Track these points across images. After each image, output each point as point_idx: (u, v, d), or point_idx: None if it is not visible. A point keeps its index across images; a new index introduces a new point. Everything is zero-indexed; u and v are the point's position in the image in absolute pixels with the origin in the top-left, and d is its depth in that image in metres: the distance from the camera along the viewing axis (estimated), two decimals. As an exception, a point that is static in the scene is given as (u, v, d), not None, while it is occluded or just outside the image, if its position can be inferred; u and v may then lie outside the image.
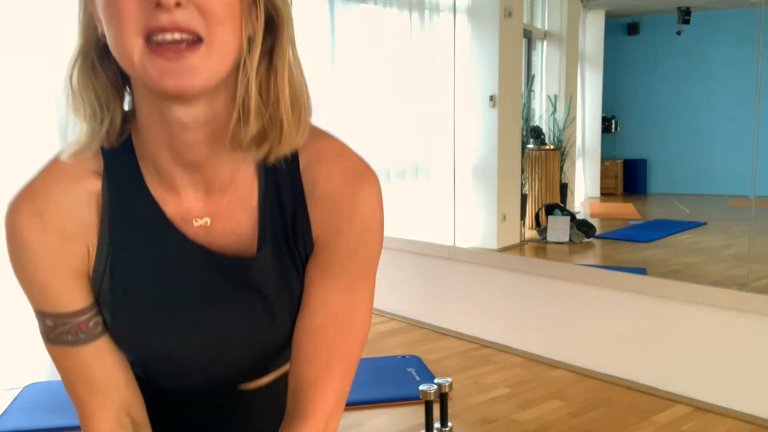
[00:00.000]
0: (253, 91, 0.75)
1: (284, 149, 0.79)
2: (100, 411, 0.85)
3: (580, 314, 3.56)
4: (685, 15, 4.01)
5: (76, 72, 0.78)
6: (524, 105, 4.65)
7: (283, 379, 0.94)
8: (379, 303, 4.78)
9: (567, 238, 4.41)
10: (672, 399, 3.18)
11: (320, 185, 0.84)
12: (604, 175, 4.81)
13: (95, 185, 0.82)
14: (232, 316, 0.85)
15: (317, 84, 5.47)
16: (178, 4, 0.67)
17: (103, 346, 0.84)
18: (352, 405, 3.14)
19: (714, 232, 4.17)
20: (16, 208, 0.83)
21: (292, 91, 0.80)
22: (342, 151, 0.86)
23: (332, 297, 0.85)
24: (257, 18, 0.74)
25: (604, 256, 4.50)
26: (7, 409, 3.10)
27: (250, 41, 0.74)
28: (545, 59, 4.80)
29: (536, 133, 4.72)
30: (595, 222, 4.61)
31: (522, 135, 4.61)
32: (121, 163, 0.82)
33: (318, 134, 0.86)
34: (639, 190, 4.80)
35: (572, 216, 4.52)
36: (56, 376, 2.99)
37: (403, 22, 5.02)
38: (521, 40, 4.57)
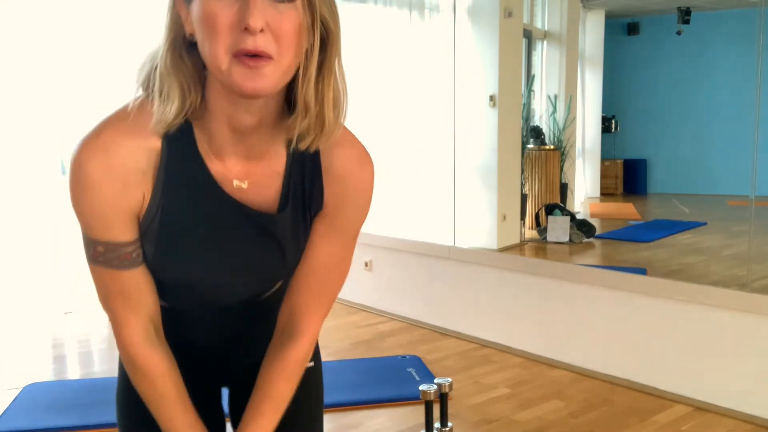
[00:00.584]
0: (309, 94, 0.97)
1: (323, 141, 1.03)
2: (133, 319, 1.08)
3: (580, 314, 3.56)
4: (685, 15, 4.01)
5: (169, 58, 0.97)
6: (524, 105, 4.64)
7: (269, 300, 1.21)
8: (379, 303, 4.78)
9: (567, 238, 4.41)
10: (672, 399, 3.18)
11: (335, 166, 1.08)
12: (604, 175, 4.81)
13: (156, 144, 1.01)
14: (252, 255, 1.10)
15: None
16: (261, 31, 0.89)
17: (140, 272, 1.06)
18: (352, 405, 3.15)
19: (714, 232, 4.17)
20: (88, 154, 0.99)
21: (335, 95, 1.02)
22: (353, 141, 1.12)
23: (331, 249, 1.13)
24: (314, 36, 0.96)
25: (604, 256, 4.50)
26: (7, 409, 3.10)
27: (308, 53, 0.96)
28: (545, 59, 4.80)
29: (536, 133, 4.72)
30: (595, 222, 4.61)
31: (522, 135, 4.61)
32: (179, 130, 1.01)
33: (345, 131, 1.11)
34: (639, 190, 4.80)
35: (572, 216, 4.52)
36: (56, 376, 2.97)
37: (403, 22, 5.02)
38: (521, 40, 4.57)
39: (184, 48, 0.98)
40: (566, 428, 2.90)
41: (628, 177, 4.81)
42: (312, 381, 1.31)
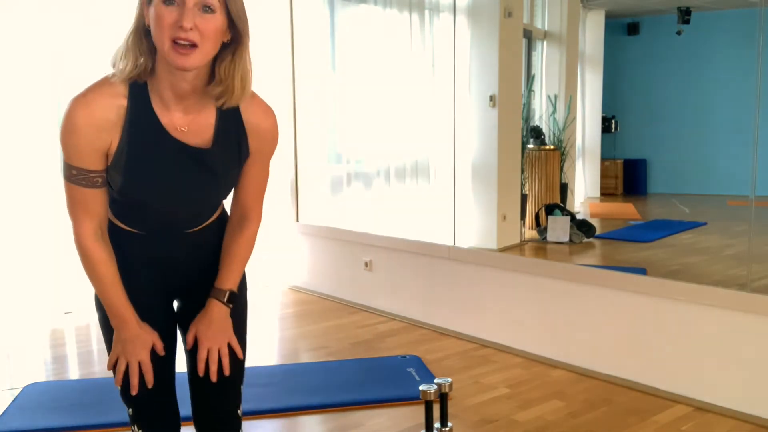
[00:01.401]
0: (222, 71, 1.50)
1: (232, 102, 1.54)
2: (87, 222, 1.56)
3: (580, 314, 3.56)
4: (685, 15, 4.01)
5: (132, 38, 1.48)
6: (524, 105, 4.64)
7: (204, 232, 1.73)
8: (379, 303, 4.78)
9: (567, 238, 4.41)
10: (672, 399, 3.18)
11: (251, 120, 1.61)
12: (604, 175, 4.81)
13: (123, 103, 1.49)
14: (193, 180, 1.58)
15: (317, 83, 5.46)
16: (191, 29, 1.39)
17: (99, 192, 1.54)
18: (352, 405, 3.15)
19: (714, 232, 4.17)
20: (76, 107, 1.46)
21: (243, 73, 1.52)
22: (260, 102, 1.64)
23: (257, 171, 1.68)
24: (229, 34, 1.49)
25: (604, 256, 4.49)
26: (7, 409, 3.10)
27: (224, 45, 1.49)
28: (545, 59, 4.80)
29: (536, 133, 4.72)
30: (595, 222, 4.60)
31: (522, 135, 4.61)
32: (139, 93, 1.50)
33: (254, 96, 1.61)
34: (639, 190, 4.79)
35: (572, 216, 4.52)
36: (56, 376, 2.98)
37: (403, 22, 5.02)
38: (521, 40, 4.57)
39: (143, 33, 1.48)
40: (566, 428, 2.90)
41: (628, 177, 4.81)
42: (241, 301, 1.79)
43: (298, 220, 5.53)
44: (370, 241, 4.84)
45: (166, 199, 1.59)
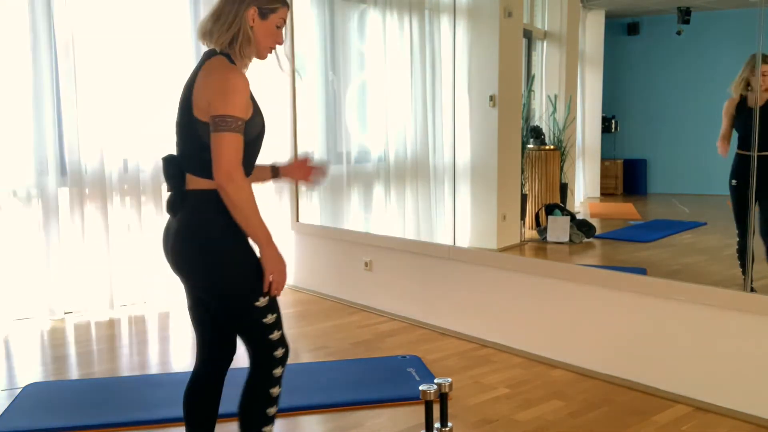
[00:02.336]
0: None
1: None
2: (239, 164, 1.95)
3: (580, 314, 3.56)
4: (685, 15, 4.01)
5: (245, 39, 2.07)
6: (524, 105, 4.64)
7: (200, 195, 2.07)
8: (379, 303, 4.78)
9: (567, 238, 4.41)
10: (672, 399, 3.18)
11: None
12: (604, 175, 4.81)
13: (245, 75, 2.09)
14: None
15: (315, 83, 5.46)
16: (278, 45, 2.14)
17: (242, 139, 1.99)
18: (352, 405, 3.15)
19: (714, 232, 4.16)
20: (237, 76, 1.99)
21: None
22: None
23: None
24: None
25: (604, 256, 4.49)
26: (7, 409, 3.10)
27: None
28: (545, 59, 4.80)
29: (536, 133, 4.72)
30: (595, 222, 4.60)
31: (522, 135, 4.61)
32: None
33: None
34: (639, 190, 4.79)
35: (572, 216, 4.52)
36: (56, 376, 2.98)
37: (403, 22, 5.02)
38: (521, 40, 4.56)
39: (246, 30, 2.06)
40: (566, 428, 2.90)
41: (628, 177, 4.80)
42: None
43: (298, 220, 5.53)
44: (370, 241, 4.83)
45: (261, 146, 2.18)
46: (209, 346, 2.29)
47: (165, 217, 2.31)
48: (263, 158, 2.27)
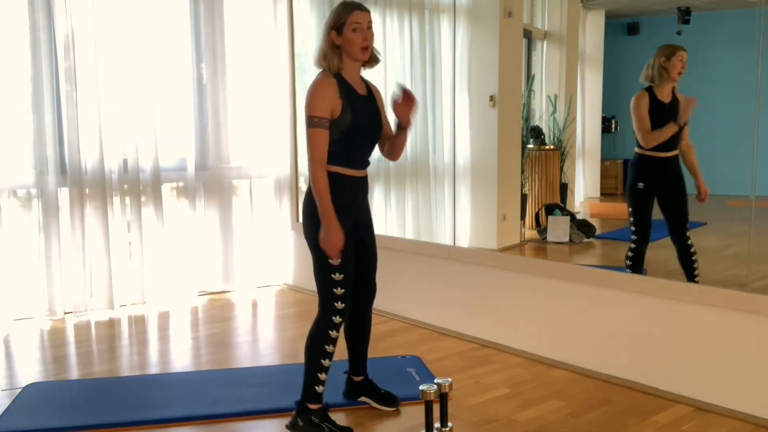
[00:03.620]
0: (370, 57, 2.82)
1: (370, 67, 2.89)
2: (322, 157, 2.66)
3: (580, 314, 3.56)
4: (685, 15, 4.00)
5: (329, 51, 2.72)
6: (524, 105, 4.64)
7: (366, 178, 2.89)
8: (379, 303, 4.78)
9: (567, 238, 4.40)
10: (672, 399, 3.18)
11: (369, 84, 2.93)
12: (604, 175, 4.80)
13: (336, 82, 2.70)
14: (375, 121, 2.82)
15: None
16: (368, 48, 2.72)
17: (327, 132, 2.66)
18: (352, 405, 3.15)
19: (714, 232, 4.16)
20: (322, 81, 2.69)
21: (375, 52, 2.84)
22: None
23: (386, 119, 2.95)
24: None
25: (604, 256, 4.49)
26: (7, 409, 3.10)
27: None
28: (545, 59, 4.80)
29: (536, 133, 4.71)
30: (595, 222, 4.60)
31: (522, 135, 4.61)
32: (339, 78, 2.72)
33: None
34: (639, 190, 4.78)
35: (572, 216, 4.52)
36: (56, 376, 2.99)
37: (403, 22, 5.02)
38: (521, 40, 4.56)
39: (333, 47, 2.69)
40: (566, 428, 2.90)
41: (628, 177, 4.80)
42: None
43: (298, 220, 5.53)
44: (370, 241, 4.83)
45: (366, 126, 2.77)
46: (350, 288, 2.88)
47: (165, 217, 2.33)
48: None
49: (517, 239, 4.53)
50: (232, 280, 5.50)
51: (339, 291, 2.75)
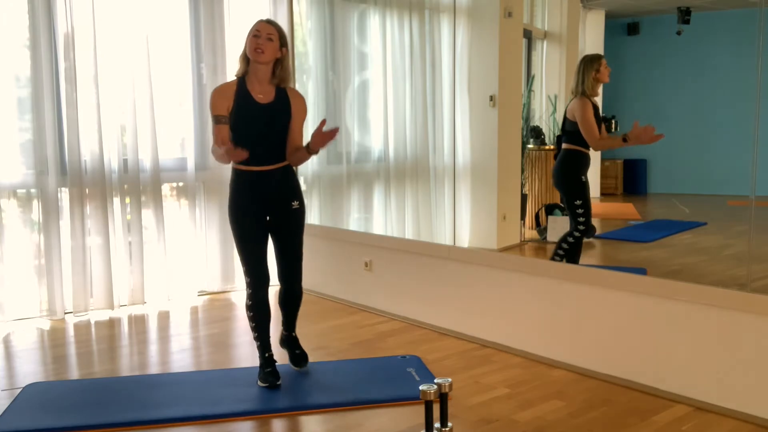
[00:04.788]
0: (279, 68, 3.25)
1: (284, 84, 3.29)
2: (227, 138, 3.17)
3: (580, 314, 3.56)
4: (685, 15, 4.01)
5: (241, 59, 3.26)
6: (524, 105, 4.64)
7: (284, 170, 3.34)
8: (379, 303, 4.78)
9: (567, 238, 4.39)
10: (672, 399, 3.18)
11: (291, 95, 3.32)
12: (604, 175, 4.80)
13: (235, 84, 3.25)
14: (267, 123, 3.24)
15: (316, 83, 5.46)
16: (262, 51, 3.17)
17: (227, 127, 3.21)
18: (352, 405, 3.15)
19: (714, 232, 4.16)
20: (219, 86, 3.28)
21: (287, 72, 3.28)
22: (295, 89, 3.43)
23: (298, 126, 3.33)
24: (279, 51, 3.24)
25: (604, 256, 4.49)
26: (7, 409, 3.10)
27: (278, 57, 3.25)
28: (545, 59, 4.80)
29: (536, 133, 4.72)
30: (595, 222, 4.60)
31: (522, 135, 4.61)
32: (241, 80, 3.26)
33: (292, 86, 3.50)
34: (639, 190, 4.79)
35: (572, 216, 4.51)
36: (56, 376, 2.99)
37: (403, 22, 5.01)
38: (521, 40, 4.56)
39: (244, 55, 3.25)
40: (566, 428, 2.90)
41: (628, 177, 4.80)
42: (299, 214, 3.42)
43: (298, 220, 5.52)
44: (370, 241, 4.84)
45: (257, 131, 3.23)
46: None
47: (165, 217, 2.33)
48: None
49: (517, 239, 4.54)
50: (232, 280, 5.50)
51: (244, 269, 3.38)
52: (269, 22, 3.19)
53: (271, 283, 3.47)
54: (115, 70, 4.80)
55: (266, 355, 3.45)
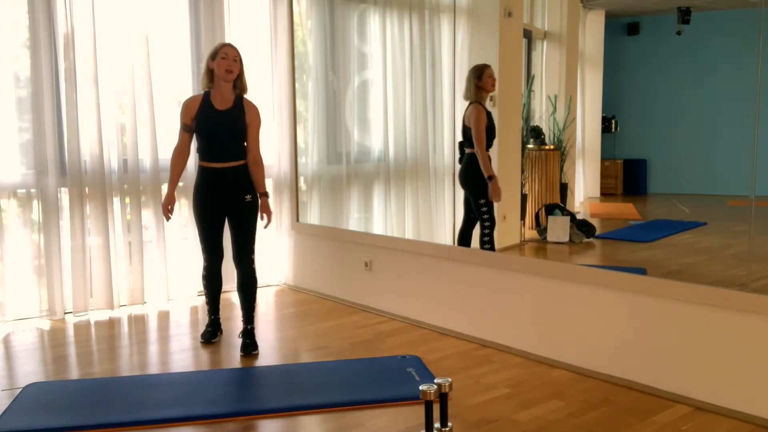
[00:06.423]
0: (239, 81, 3.95)
1: (244, 93, 3.98)
2: (184, 144, 4.01)
3: (580, 314, 3.56)
4: (685, 15, 4.00)
5: (204, 75, 3.94)
6: (524, 105, 4.64)
7: (239, 168, 3.97)
8: (379, 303, 4.78)
9: (567, 238, 4.40)
10: (672, 399, 3.18)
11: (246, 105, 3.97)
12: (604, 175, 4.80)
13: (200, 98, 3.93)
14: (227, 128, 3.89)
15: (316, 83, 5.46)
16: (231, 71, 3.88)
17: (188, 135, 3.99)
18: (352, 405, 3.15)
19: (714, 232, 4.16)
20: (187, 99, 3.99)
21: (244, 85, 3.97)
22: (249, 100, 4.02)
23: (254, 133, 3.99)
24: (241, 69, 3.95)
25: (604, 256, 4.49)
26: (7, 409, 3.10)
27: (239, 74, 3.96)
28: (545, 59, 4.80)
29: (536, 133, 4.71)
30: (595, 222, 4.60)
31: (522, 135, 4.60)
32: (206, 94, 3.93)
33: (248, 97, 4.07)
34: (639, 190, 4.79)
35: (572, 216, 4.52)
36: (56, 376, 3.00)
37: (403, 22, 5.01)
38: (521, 40, 4.56)
39: (208, 71, 3.92)
40: (566, 428, 2.90)
41: (628, 177, 4.80)
42: (252, 206, 4.00)
43: (298, 220, 5.53)
44: (370, 241, 4.83)
45: (217, 136, 3.86)
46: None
47: (164, 217, 2.31)
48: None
49: (517, 239, 4.53)
50: (231, 280, 5.49)
51: (201, 243, 4.09)
52: (231, 45, 3.88)
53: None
54: (114, 70, 4.80)
55: (212, 317, 4.22)
